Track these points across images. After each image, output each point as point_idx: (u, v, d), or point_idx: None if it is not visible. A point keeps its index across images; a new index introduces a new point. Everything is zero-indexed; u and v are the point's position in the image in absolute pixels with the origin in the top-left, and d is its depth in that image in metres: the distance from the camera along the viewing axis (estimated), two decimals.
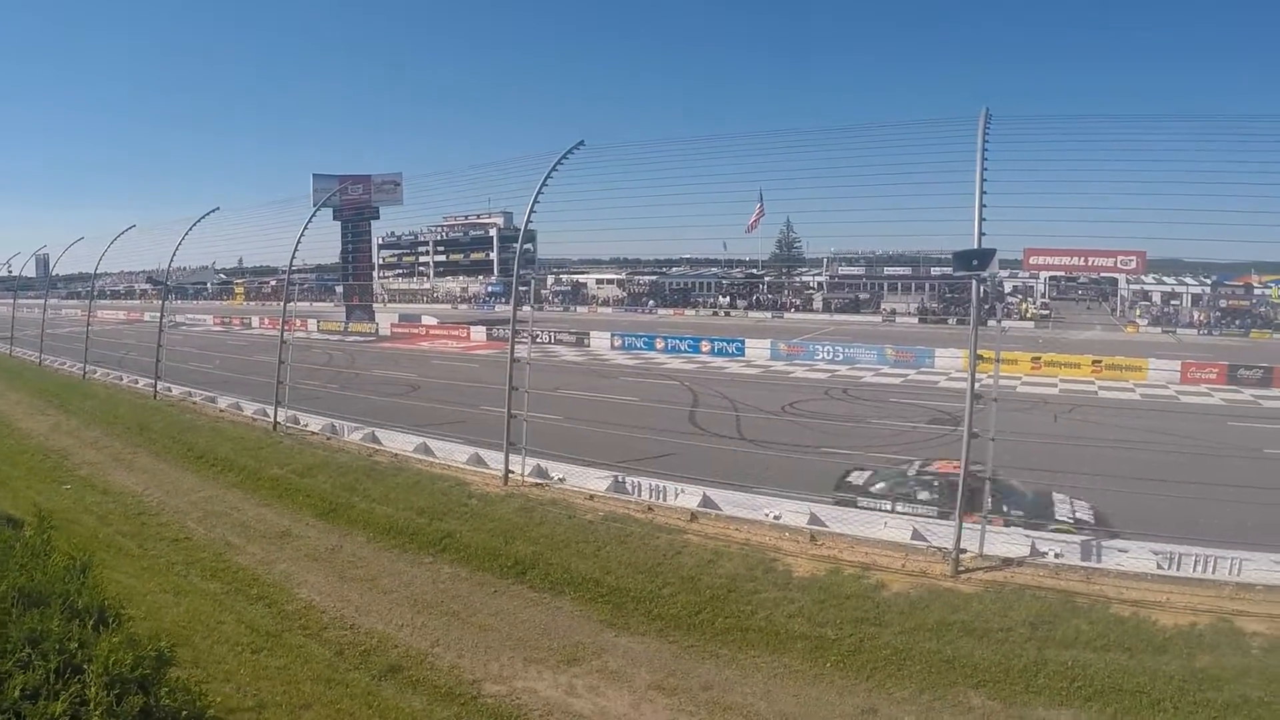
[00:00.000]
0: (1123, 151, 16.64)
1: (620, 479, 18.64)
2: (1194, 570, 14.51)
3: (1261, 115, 15.20)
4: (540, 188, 19.99)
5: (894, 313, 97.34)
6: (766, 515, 16.55)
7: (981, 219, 14.64)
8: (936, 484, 17.77)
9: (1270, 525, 17.04)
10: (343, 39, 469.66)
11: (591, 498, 17.94)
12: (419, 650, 11.90)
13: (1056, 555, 15.06)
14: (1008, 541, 15.38)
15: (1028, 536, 15.50)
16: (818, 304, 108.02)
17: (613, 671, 11.27)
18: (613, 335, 60.86)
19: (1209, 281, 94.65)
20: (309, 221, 27.80)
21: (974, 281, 15.43)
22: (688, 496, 17.46)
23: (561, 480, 19.11)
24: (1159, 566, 14.60)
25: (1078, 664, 11.56)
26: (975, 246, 14.59)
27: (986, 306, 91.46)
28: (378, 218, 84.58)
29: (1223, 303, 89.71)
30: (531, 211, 19.95)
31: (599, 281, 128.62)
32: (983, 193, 14.74)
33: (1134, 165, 16.48)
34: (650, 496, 17.94)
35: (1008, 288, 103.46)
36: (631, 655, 11.72)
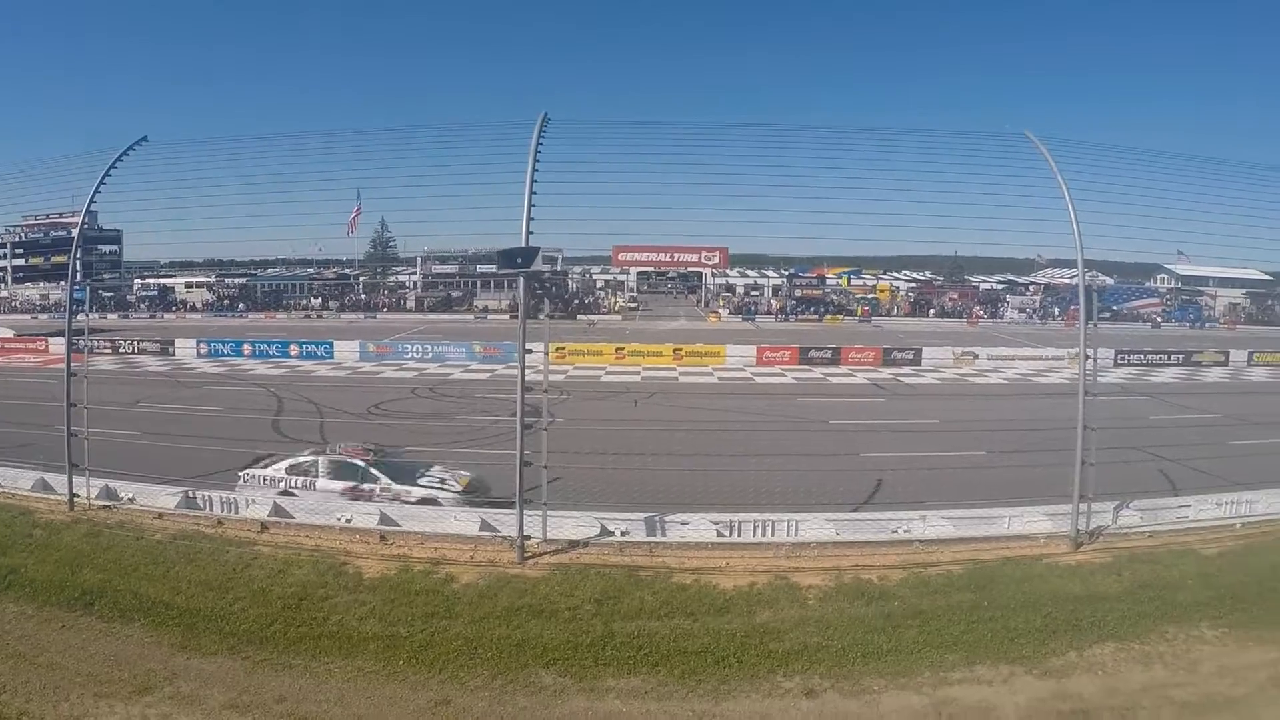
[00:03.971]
0: (702, 156, 19.85)
1: (191, 494, 19.09)
2: (754, 535, 17.17)
3: (834, 126, 19.04)
4: (97, 188, 19.42)
5: (486, 310, 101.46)
6: (338, 520, 17.49)
7: (530, 218, 16.56)
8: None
9: (827, 487, 20.37)
10: None
11: (161, 516, 18.44)
12: None
13: (623, 533, 17.08)
14: (576, 524, 17.21)
15: (594, 518, 17.40)
16: (411, 303, 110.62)
17: (185, 696, 11.66)
18: (199, 342, 60.99)
19: (787, 274, 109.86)
20: None
21: (521, 279, 17.20)
22: (258, 507, 18.38)
23: (131, 500, 19.29)
24: (719, 535, 17.06)
25: (644, 633, 13.29)
26: (523, 245, 16.44)
27: (577, 302, 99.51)
28: None
29: (798, 292, 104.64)
30: (87, 212, 19.79)
31: (188, 285, 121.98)
32: (532, 193, 16.69)
33: (714, 169, 19.86)
34: (221, 510, 18.66)
35: (599, 283, 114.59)
36: (204, 677, 12.14)
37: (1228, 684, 12.62)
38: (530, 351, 16.88)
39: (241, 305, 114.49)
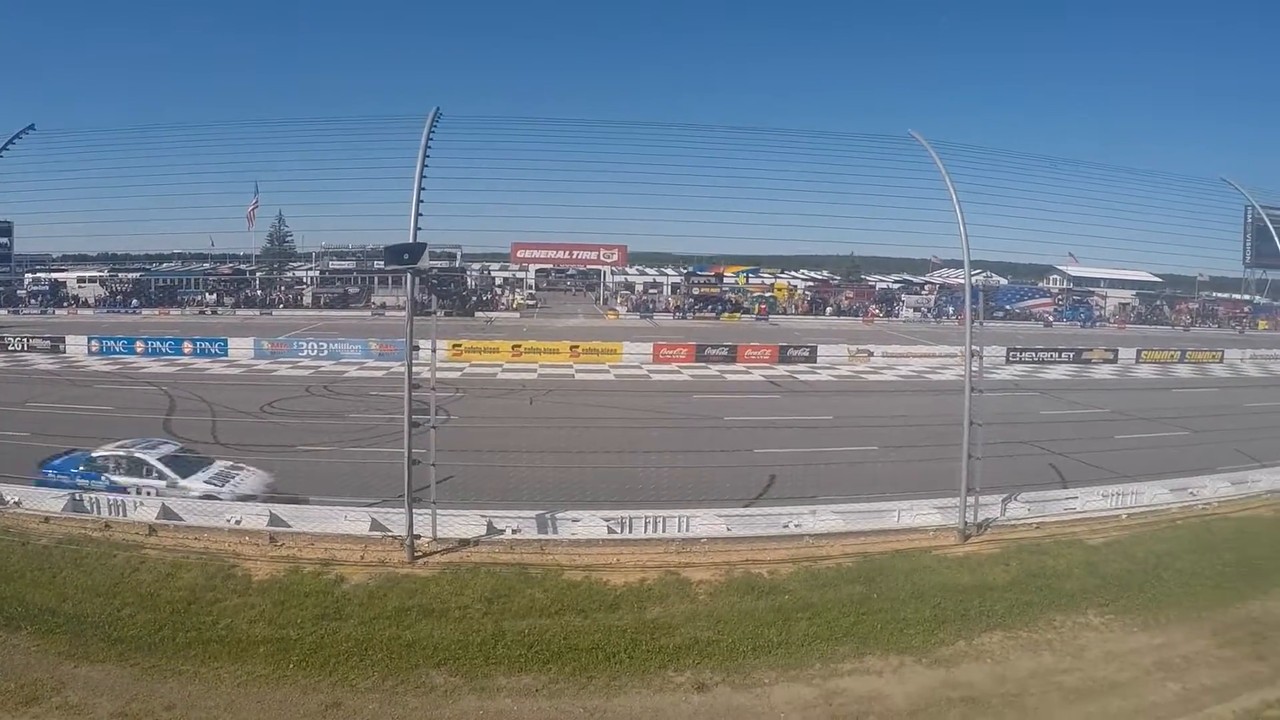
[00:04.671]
0: (602, 154, 20.26)
1: (78, 497, 18.76)
2: (645, 531, 17.45)
3: (734, 127, 19.87)
4: None
5: (384, 306, 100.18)
6: (228, 521, 17.26)
7: (418, 214, 16.75)
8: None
9: (720, 484, 20.71)
10: None
11: (47, 520, 18.07)
12: None
13: (514, 531, 17.18)
14: (466, 523, 17.23)
15: (484, 517, 17.45)
16: (308, 300, 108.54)
17: (73, 706, 11.50)
18: (90, 339, 58.06)
19: (686, 272, 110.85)
20: None
21: (408, 275, 17.09)
22: (146, 509, 18.10)
23: (17, 504, 18.86)
24: (611, 531, 17.31)
25: (534, 631, 13.45)
26: (410, 241, 16.51)
27: (475, 299, 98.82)
28: None
29: (696, 290, 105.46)
30: None
31: (80, 280, 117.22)
32: (421, 189, 16.90)
33: (615, 167, 20.21)
34: (109, 513, 18.28)
35: (498, 280, 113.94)
36: (92, 685, 11.97)
37: (1114, 669, 13.24)
38: (418, 349, 16.96)
39: (135, 301, 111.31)
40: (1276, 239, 26.37)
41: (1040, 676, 12.92)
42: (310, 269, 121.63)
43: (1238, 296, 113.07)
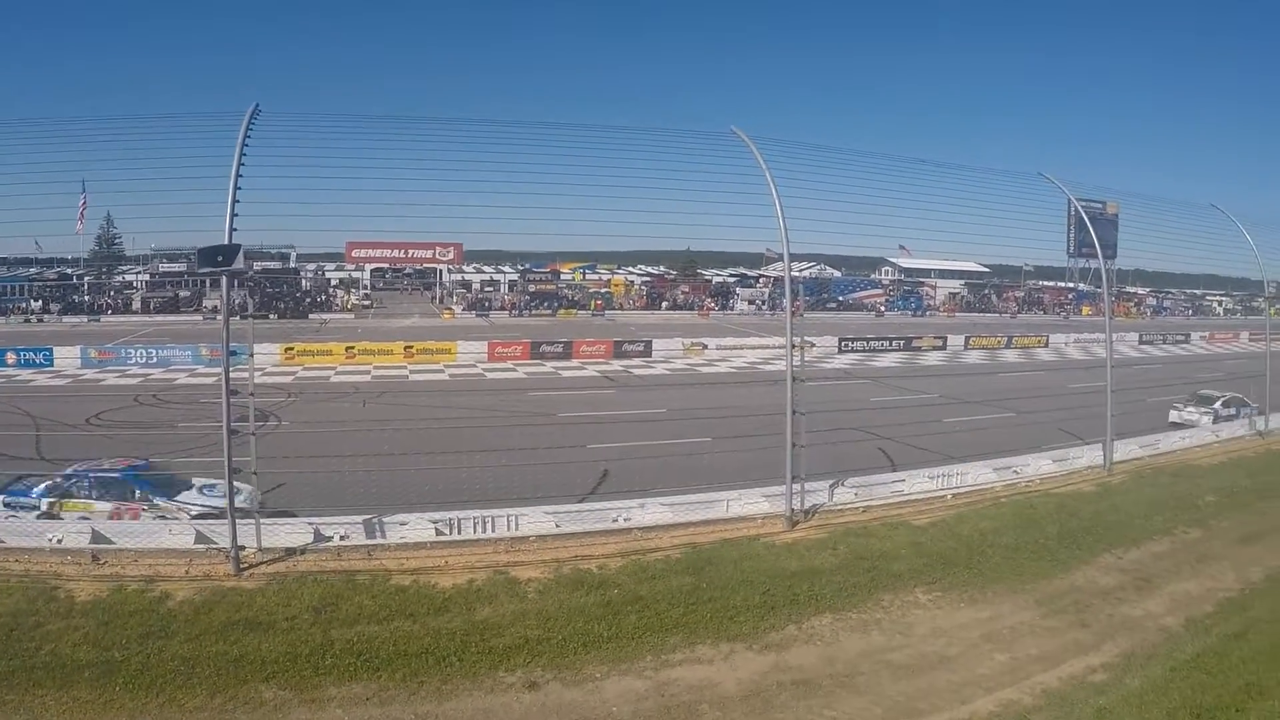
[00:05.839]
0: (437, 151, 19.75)
1: None
2: (474, 532, 17.34)
3: (569, 124, 20.50)
4: None
5: (215, 310, 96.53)
6: (50, 540, 16.38)
7: (234, 214, 16.15)
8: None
9: (554, 480, 20.85)
10: None
11: None
12: None
13: (341, 538, 16.80)
14: (291, 532, 16.78)
15: (310, 524, 16.97)
16: (137, 305, 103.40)
17: None
18: None
19: (522, 269, 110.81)
20: None
21: (224, 277, 16.65)
22: None
23: None
24: (438, 533, 17.14)
25: (363, 638, 13.21)
26: (226, 242, 15.89)
27: (310, 300, 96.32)
28: None
29: (533, 287, 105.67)
30: None
31: None
32: (237, 188, 16.31)
33: (450, 164, 19.70)
34: None
35: (334, 280, 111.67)
36: None
37: (942, 644, 13.81)
38: (235, 354, 16.73)
39: None
40: (1091, 230, 27.98)
41: (870, 656, 13.35)
42: (141, 272, 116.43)
43: (1063, 284, 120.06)
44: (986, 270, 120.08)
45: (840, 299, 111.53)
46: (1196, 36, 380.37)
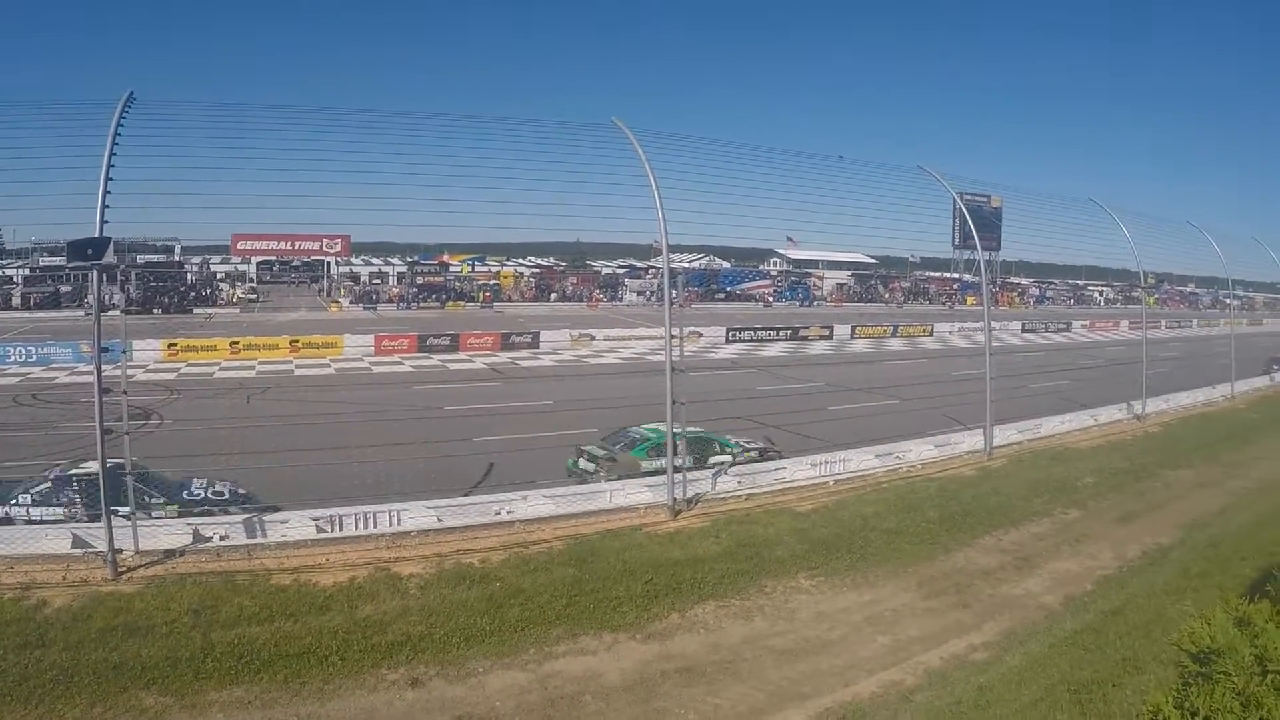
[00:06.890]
0: (323, 141, 19.84)
1: None
2: (355, 529, 17.20)
3: (458, 115, 21.32)
4: None
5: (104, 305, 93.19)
6: None
7: (105, 205, 15.91)
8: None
9: (438, 474, 20.57)
10: None
11: None
12: None
13: (221, 538, 16.52)
14: (170, 533, 16.43)
15: (189, 525, 16.66)
16: (16, 300, 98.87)
17: None
18: None
19: (410, 261, 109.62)
20: None
21: (94, 272, 16.46)
22: None
23: None
24: (319, 531, 17.01)
25: (244, 640, 13.07)
26: (96, 235, 15.74)
27: (194, 294, 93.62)
28: None
29: (420, 280, 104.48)
30: None
31: None
32: (108, 179, 16.04)
33: (337, 154, 19.84)
34: None
35: (220, 274, 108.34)
36: None
37: (825, 628, 14.22)
38: (108, 350, 16.32)
39: None
40: (970, 222, 28.93)
41: (753, 642, 13.69)
42: (21, 266, 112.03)
43: (949, 275, 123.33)
44: (873, 262, 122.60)
45: (729, 290, 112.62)
46: (1069, 36, 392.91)
